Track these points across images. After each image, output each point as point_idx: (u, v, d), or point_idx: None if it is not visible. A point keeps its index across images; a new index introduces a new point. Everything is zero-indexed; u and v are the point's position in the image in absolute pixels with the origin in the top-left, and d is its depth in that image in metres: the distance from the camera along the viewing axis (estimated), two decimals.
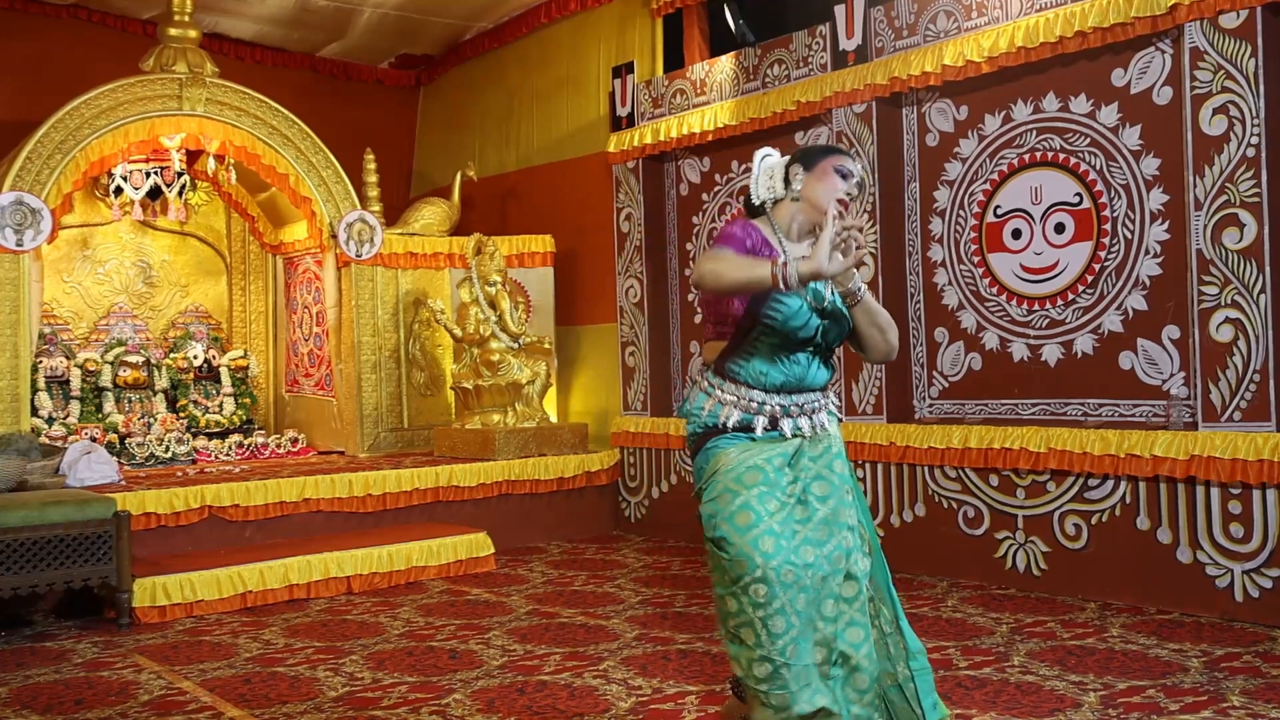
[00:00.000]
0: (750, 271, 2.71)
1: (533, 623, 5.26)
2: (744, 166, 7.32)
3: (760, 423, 2.90)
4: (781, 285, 2.65)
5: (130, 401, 8.39)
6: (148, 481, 6.68)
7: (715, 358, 2.99)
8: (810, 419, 2.95)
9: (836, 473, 2.92)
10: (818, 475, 2.90)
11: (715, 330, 3.00)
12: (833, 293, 2.94)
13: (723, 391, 2.95)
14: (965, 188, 6.11)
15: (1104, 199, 5.53)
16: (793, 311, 2.86)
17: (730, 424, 2.92)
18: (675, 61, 7.88)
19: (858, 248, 2.71)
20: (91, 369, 8.24)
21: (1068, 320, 5.66)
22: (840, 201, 2.90)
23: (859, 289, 2.93)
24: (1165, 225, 5.30)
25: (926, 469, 6.02)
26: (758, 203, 3.07)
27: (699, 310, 7.62)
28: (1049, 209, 5.74)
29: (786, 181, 3.01)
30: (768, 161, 3.09)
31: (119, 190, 8.46)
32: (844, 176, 2.95)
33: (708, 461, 2.95)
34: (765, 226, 3.01)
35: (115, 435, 7.90)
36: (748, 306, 2.87)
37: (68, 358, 8.29)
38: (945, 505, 5.94)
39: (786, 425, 2.91)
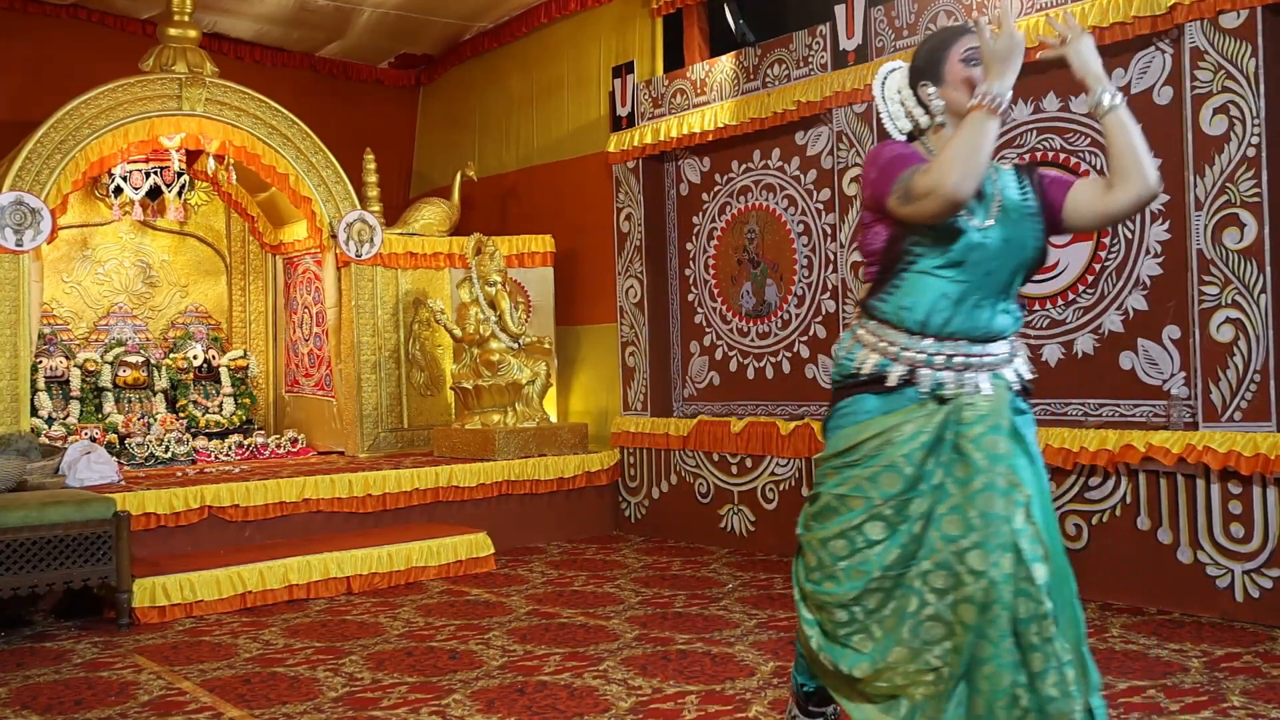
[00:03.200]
0: (966, 138, 2.31)
1: (533, 623, 5.26)
2: (744, 166, 7.32)
3: (896, 371, 2.47)
4: (1000, 108, 2.32)
5: (130, 402, 8.39)
6: (147, 482, 6.68)
7: (864, 296, 2.60)
8: (960, 375, 2.46)
9: (986, 450, 2.39)
10: (959, 455, 2.42)
11: (867, 269, 2.62)
12: (1009, 215, 2.49)
13: (864, 329, 2.55)
14: None
15: None
16: (944, 238, 2.46)
17: (864, 370, 2.51)
18: (675, 61, 7.88)
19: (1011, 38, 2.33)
20: (91, 369, 8.24)
21: (1068, 320, 5.66)
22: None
23: (1108, 95, 2.46)
24: (1165, 225, 5.30)
25: None
26: (904, 136, 2.66)
27: (698, 309, 7.62)
28: None
29: (925, 106, 2.62)
30: (891, 81, 2.68)
31: (119, 190, 8.46)
32: (976, 63, 2.51)
33: (841, 412, 2.54)
34: (917, 146, 2.61)
35: (115, 435, 7.89)
36: (890, 230, 2.48)
37: (67, 358, 8.28)
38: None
39: (925, 379, 2.46)
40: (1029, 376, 2.58)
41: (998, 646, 2.35)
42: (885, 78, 2.69)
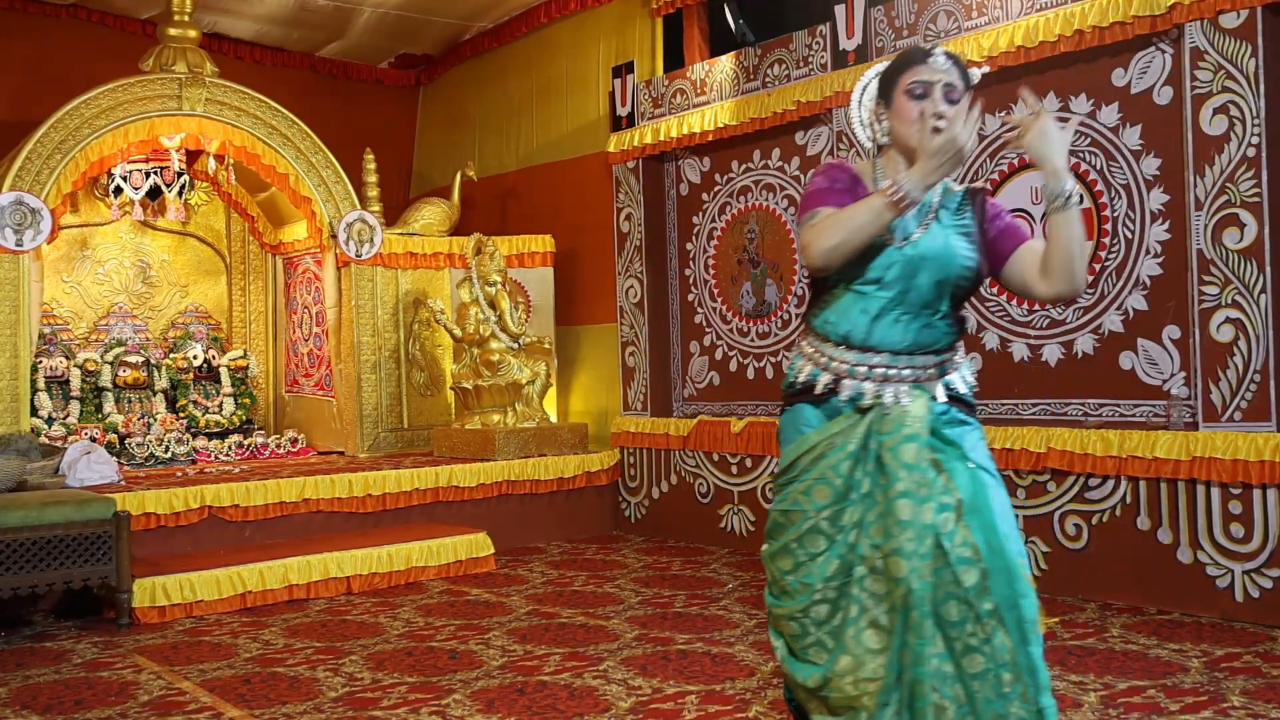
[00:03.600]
0: (856, 216, 2.35)
1: (532, 623, 5.26)
2: (744, 166, 7.32)
3: (823, 380, 2.57)
4: (903, 205, 2.32)
5: (130, 402, 8.39)
6: (147, 482, 6.68)
7: (805, 310, 2.70)
8: (879, 386, 2.52)
9: (900, 459, 2.44)
10: (880, 464, 2.48)
11: (805, 285, 2.76)
12: (935, 233, 2.52)
13: (804, 342, 2.65)
14: None
15: (1104, 199, 5.53)
16: (868, 252, 2.49)
17: (800, 379, 2.61)
18: (675, 61, 7.88)
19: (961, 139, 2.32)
20: (91, 369, 8.24)
21: (1068, 320, 5.66)
22: (934, 130, 2.41)
23: (1067, 192, 2.41)
24: (1166, 225, 5.30)
25: None
26: (869, 148, 2.69)
27: (698, 309, 7.62)
28: None
29: (878, 122, 2.63)
30: (870, 89, 2.66)
31: (119, 190, 8.46)
32: (922, 95, 2.50)
33: (785, 427, 2.64)
34: (865, 164, 2.65)
35: (115, 435, 7.89)
36: None
37: (67, 358, 8.28)
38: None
39: (847, 388, 2.54)
40: (963, 389, 2.60)
41: (920, 653, 2.37)
42: (866, 84, 2.68)
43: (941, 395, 2.56)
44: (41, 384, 8.01)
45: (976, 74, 2.62)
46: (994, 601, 2.38)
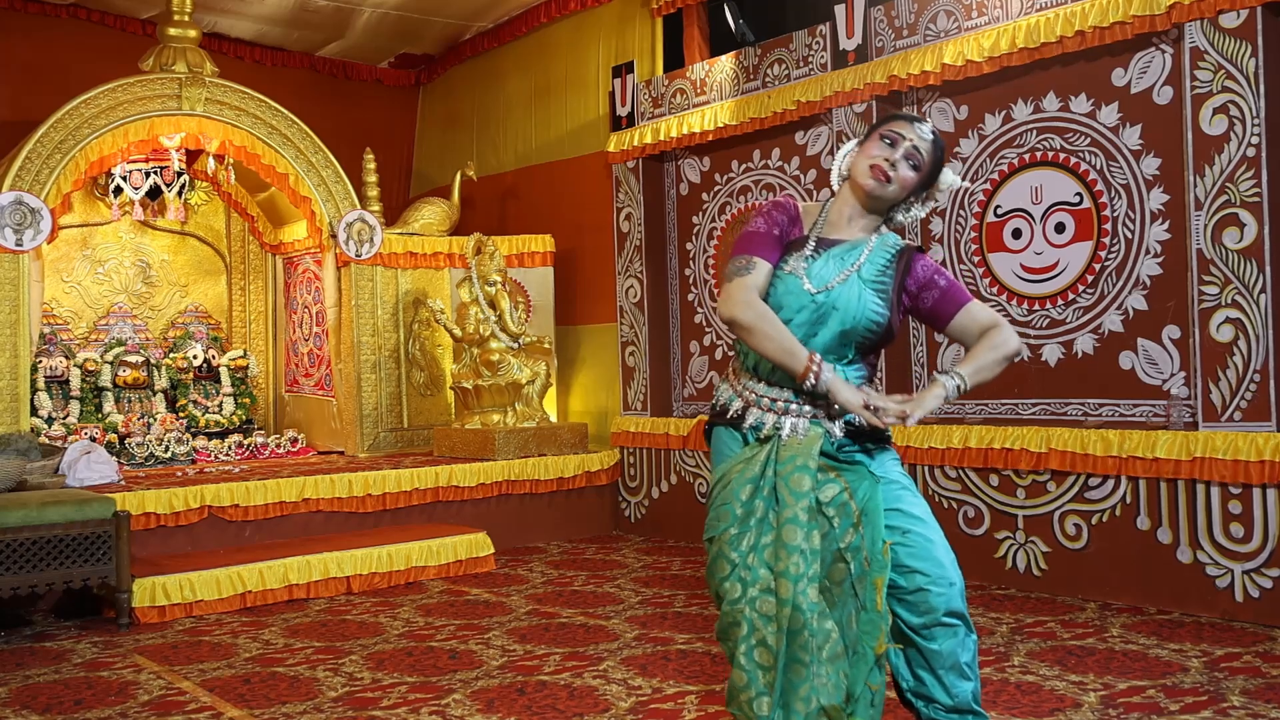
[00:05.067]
0: (775, 342, 2.56)
1: (532, 623, 5.26)
2: (744, 166, 7.32)
3: (735, 406, 2.74)
4: (810, 382, 2.54)
5: (130, 401, 8.39)
6: (147, 481, 6.68)
7: None
8: (779, 418, 2.67)
9: (791, 487, 2.58)
10: (774, 491, 2.63)
11: None
12: (850, 285, 2.66)
13: (730, 369, 2.84)
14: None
15: (1104, 199, 5.53)
16: (784, 290, 2.67)
17: (719, 403, 2.79)
18: (675, 61, 7.88)
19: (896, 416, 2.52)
20: (91, 369, 8.24)
21: (1068, 320, 5.66)
22: (875, 168, 2.64)
23: (954, 383, 2.62)
24: (1165, 225, 5.30)
25: (926, 468, 6.01)
26: (835, 180, 2.83)
27: (698, 309, 7.62)
28: (1049, 209, 5.74)
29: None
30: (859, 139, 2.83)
31: (118, 190, 8.46)
32: (892, 142, 2.66)
33: (713, 453, 2.83)
34: (814, 205, 2.80)
35: (115, 435, 7.89)
36: None
37: (67, 358, 8.28)
38: (945, 505, 5.93)
39: (751, 417, 2.70)
40: (860, 422, 2.67)
41: (809, 669, 2.52)
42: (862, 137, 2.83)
43: (838, 431, 2.67)
44: (41, 384, 8.00)
45: (954, 180, 2.78)
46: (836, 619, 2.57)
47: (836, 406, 2.61)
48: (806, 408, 2.66)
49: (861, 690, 2.57)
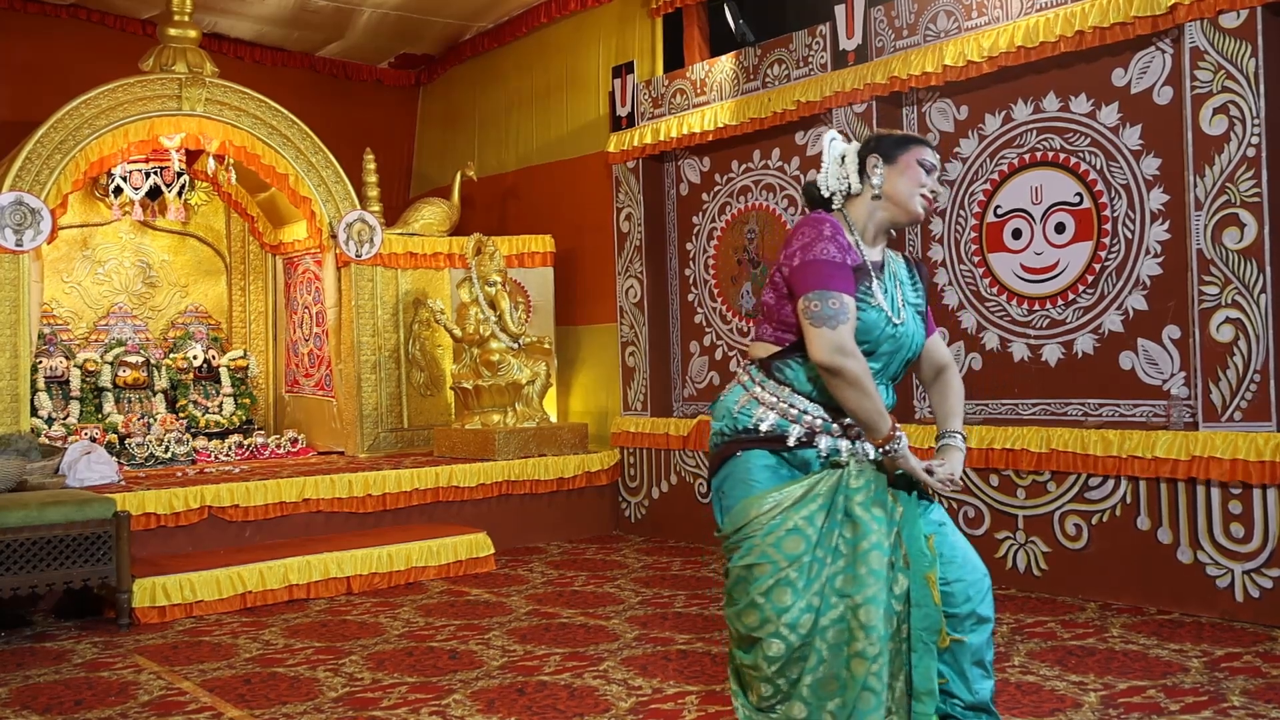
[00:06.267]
0: (866, 405, 2.54)
1: (532, 623, 5.26)
2: (744, 167, 7.32)
3: (795, 432, 2.63)
4: (886, 452, 2.57)
5: (130, 402, 8.39)
6: (147, 482, 6.68)
7: (766, 357, 2.73)
8: (854, 444, 2.66)
9: (872, 513, 2.56)
10: (849, 517, 2.58)
11: (776, 333, 2.73)
12: (907, 311, 2.76)
13: (763, 389, 2.68)
14: (965, 187, 6.10)
15: (1104, 199, 5.53)
16: (870, 323, 2.64)
17: (764, 428, 2.64)
18: (675, 61, 7.88)
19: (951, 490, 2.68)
20: (91, 369, 8.24)
21: (1068, 320, 5.66)
22: (926, 198, 2.72)
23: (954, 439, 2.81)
24: (1165, 225, 5.30)
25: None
26: (827, 194, 2.79)
27: (698, 309, 7.62)
28: (1049, 209, 5.74)
29: (862, 174, 2.74)
30: (837, 147, 2.79)
31: (118, 190, 8.46)
32: (928, 171, 2.71)
33: (731, 479, 2.68)
34: (843, 224, 2.74)
35: (115, 435, 7.89)
36: None
37: (67, 358, 8.28)
38: (946, 505, 5.93)
39: (823, 443, 2.64)
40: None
41: (879, 697, 2.49)
42: (832, 141, 2.82)
43: (873, 452, 2.73)
44: (41, 384, 8.01)
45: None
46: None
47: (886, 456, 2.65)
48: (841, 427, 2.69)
49: (932, 685, 2.58)
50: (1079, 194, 5.62)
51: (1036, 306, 5.77)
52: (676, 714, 3.81)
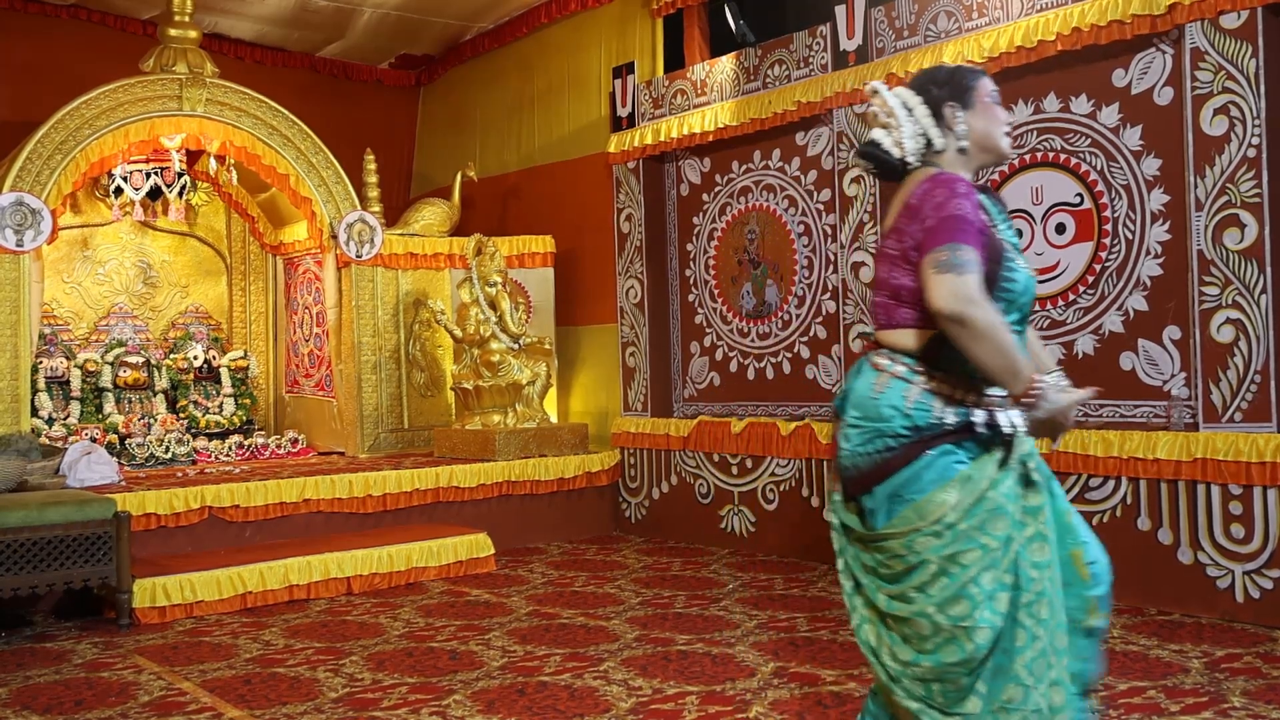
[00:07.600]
0: (1010, 355, 2.28)
1: (533, 623, 5.26)
2: (745, 167, 7.32)
3: (980, 417, 2.38)
4: (1026, 403, 2.33)
5: (130, 402, 8.38)
6: (148, 482, 6.68)
7: (920, 345, 2.42)
8: (1011, 414, 2.41)
9: (1045, 475, 2.45)
10: (1026, 485, 2.41)
11: (917, 315, 2.42)
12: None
13: (930, 380, 2.41)
14: None
15: (1105, 199, 5.52)
16: (1024, 284, 2.43)
17: (949, 420, 2.38)
18: (675, 62, 7.88)
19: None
20: (91, 369, 8.24)
21: (1068, 321, 5.65)
22: (1009, 136, 2.53)
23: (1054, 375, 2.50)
24: (1166, 226, 5.30)
25: None
26: (912, 159, 2.50)
27: (699, 310, 7.62)
28: (1050, 209, 5.74)
29: (947, 127, 2.49)
30: (902, 96, 2.52)
31: (119, 190, 8.46)
32: (997, 102, 2.53)
33: (923, 482, 2.38)
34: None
35: (115, 436, 7.89)
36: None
37: (68, 358, 8.28)
38: None
39: (1002, 419, 2.38)
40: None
41: (1091, 658, 2.49)
42: (891, 92, 2.54)
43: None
44: (42, 384, 8.01)
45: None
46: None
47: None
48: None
49: (1082, 666, 2.48)
50: (1079, 194, 5.62)
51: (1037, 307, 5.77)
52: (676, 714, 3.80)
